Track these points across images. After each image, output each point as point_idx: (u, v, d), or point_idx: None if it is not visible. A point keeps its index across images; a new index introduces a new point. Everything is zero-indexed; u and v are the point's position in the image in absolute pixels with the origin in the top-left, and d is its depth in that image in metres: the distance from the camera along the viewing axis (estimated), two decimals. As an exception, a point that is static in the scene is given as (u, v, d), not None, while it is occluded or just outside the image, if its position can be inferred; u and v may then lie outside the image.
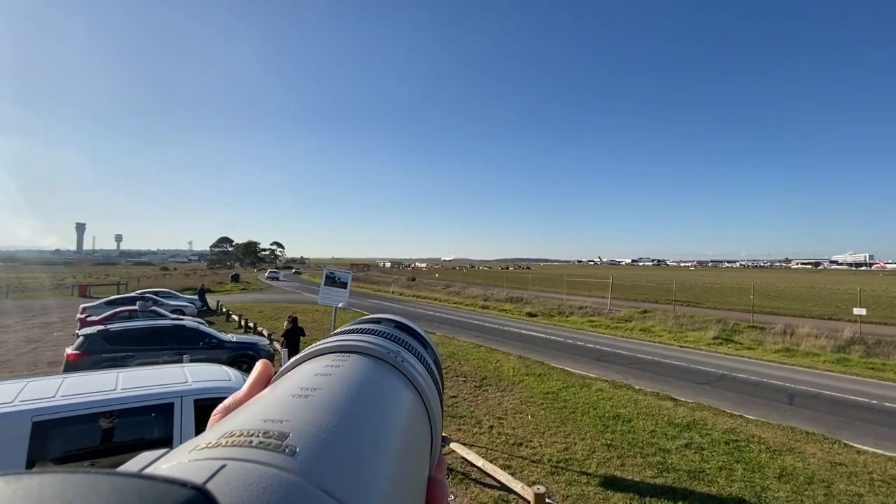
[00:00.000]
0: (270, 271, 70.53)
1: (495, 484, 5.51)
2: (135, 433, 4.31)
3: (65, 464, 3.86)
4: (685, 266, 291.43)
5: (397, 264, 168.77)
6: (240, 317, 18.46)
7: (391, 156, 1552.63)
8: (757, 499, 5.56)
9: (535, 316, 23.95)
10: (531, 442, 7.07)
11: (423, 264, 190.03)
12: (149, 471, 0.14)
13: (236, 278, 52.40)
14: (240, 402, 0.25)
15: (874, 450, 7.11)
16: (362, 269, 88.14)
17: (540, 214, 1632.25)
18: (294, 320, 10.36)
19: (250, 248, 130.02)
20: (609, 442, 7.10)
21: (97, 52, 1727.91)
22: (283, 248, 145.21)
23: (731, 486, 5.81)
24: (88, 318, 14.02)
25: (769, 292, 38.72)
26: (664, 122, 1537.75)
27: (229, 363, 9.20)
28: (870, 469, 6.40)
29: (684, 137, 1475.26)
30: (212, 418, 0.25)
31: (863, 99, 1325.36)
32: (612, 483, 5.81)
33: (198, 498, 0.14)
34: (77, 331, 11.26)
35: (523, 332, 18.67)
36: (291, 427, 0.15)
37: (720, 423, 8.00)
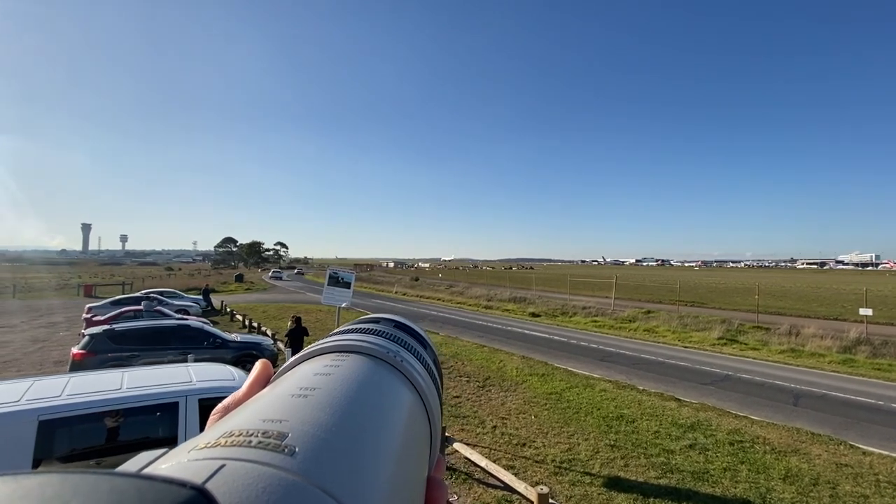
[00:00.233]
0: (274, 271, 71.33)
1: (499, 484, 5.51)
2: (140, 432, 4.33)
3: (71, 462, 3.89)
4: (689, 266, 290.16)
5: (401, 264, 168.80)
6: (244, 317, 18.57)
7: (393, 156, 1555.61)
8: (762, 500, 5.53)
9: (538, 316, 23.91)
10: (534, 442, 7.06)
11: (427, 264, 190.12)
12: (148, 471, 0.14)
13: (240, 278, 52.70)
14: (239, 401, 0.25)
15: (880, 451, 7.06)
16: (366, 269, 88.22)
17: (543, 214, 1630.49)
18: (298, 320, 10.40)
19: (254, 249, 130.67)
20: (613, 442, 7.08)
21: (102, 54, 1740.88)
22: (286, 248, 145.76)
23: (735, 487, 5.78)
24: (94, 318, 14.13)
25: (774, 292, 38.49)
26: (667, 121, 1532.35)
27: (233, 363, 9.23)
28: (876, 470, 6.35)
29: (688, 137, 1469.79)
30: (211, 418, 0.25)
31: (868, 98, 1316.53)
32: (615, 483, 5.80)
33: (197, 498, 0.14)
34: (83, 330, 11.37)
35: (527, 332, 18.63)
36: (291, 427, 0.15)
37: (725, 424, 7.96)
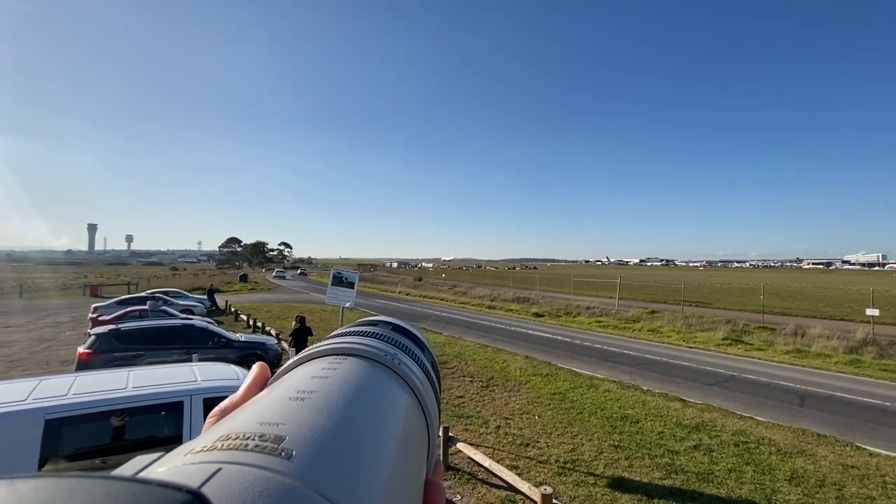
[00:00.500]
0: (277, 271, 72.04)
1: (502, 484, 5.50)
2: (145, 431, 4.36)
3: (77, 461, 3.92)
4: (694, 266, 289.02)
5: (404, 264, 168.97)
6: (248, 316, 18.64)
7: (395, 156, 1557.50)
8: (767, 501, 5.49)
9: (541, 316, 23.84)
10: (538, 442, 7.05)
11: (430, 264, 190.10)
12: (144, 474, 0.14)
13: (245, 278, 52.85)
14: (236, 404, 0.25)
15: (887, 452, 6.99)
16: (369, 269, 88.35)
17: (546, 214, 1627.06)
18: (302, 320, 10.43)
19: (258, 249, 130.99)
20: (617, 443, 7.05)
21: (107, 57, 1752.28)
22: (290, 248, 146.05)
23: (740, 489, 5.75)
24: (100, 318, 14.21)
25: (780, 293, 38.25)
26: (671, 121, 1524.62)
27: (238, 362, 9.26)
28: (883, 472, 6.30)
29: (693, 137, 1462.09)
30: (207, 421, 0.25)
31: (874, 98, 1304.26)
32: (619, 484, 5.78)
33: (193, 502, 0.14)
34: (89, 330, 11.43)
35: (530, 332, 18.59)
36: (288, 430, 0.15)
37: (730, 425, 7.91)
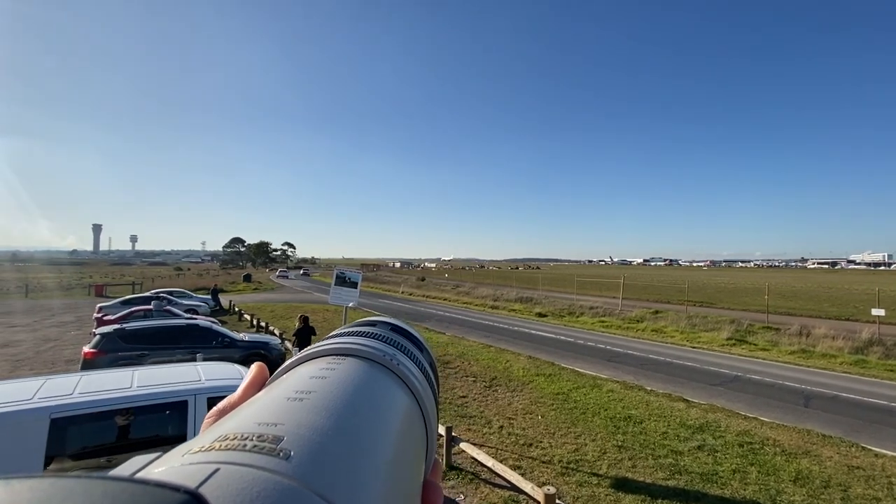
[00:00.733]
0: (281, 271, 72.63)
1: (505, 484, 5.51)
2: (150, 430, 4.38)
3: (82, 460, 3.95)
4: (698, 266, 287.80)
5: (407, 264, 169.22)
6: (252, 316, 18.69)
7: (396, 156, 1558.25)
8: (772, 502, 5.46)
9: (545, 316, 23.81)
10: (541, 442, 7.04)
11: (433, 264, 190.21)
12: (141, 475, 0.14)
13: (248, 278, 53.03)
14: (234, 404, 0.25)
15: (893, 453, 6.95)
16: (372, 269, 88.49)
17: (549, 214, 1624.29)
18: (305, 320, 10.44)
19: (262, 249, 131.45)
20: (620, 443, 7.03)
21: (111, 58, 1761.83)
22: (294, 248, 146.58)
23: (744, 489, 5.72)
24: (105, 318, 14.31)
25: (784, 292, 38.01)
26: (675, 121, 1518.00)
27: (242, 362, 9.29)
28: (888, 473, 6.25)
29: (696, 137, 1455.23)
30: (205, 421, 0.25)
31: (879, 97, 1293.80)
32: (623, 484, 5.76)
33: (191, 502, 0.14)
34: (94, 330, 11.51)
35: (533, 332, 18.57)
36: (286, 430, 0.15)
37: (734, 426, 7.87)
